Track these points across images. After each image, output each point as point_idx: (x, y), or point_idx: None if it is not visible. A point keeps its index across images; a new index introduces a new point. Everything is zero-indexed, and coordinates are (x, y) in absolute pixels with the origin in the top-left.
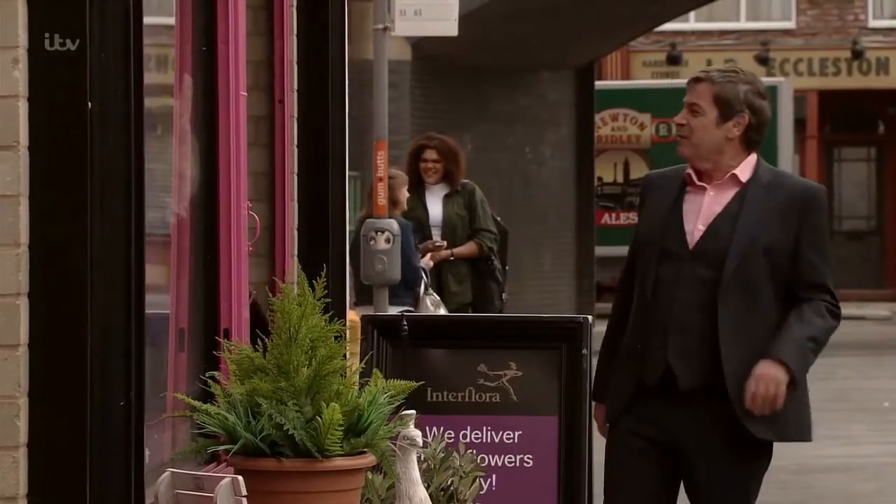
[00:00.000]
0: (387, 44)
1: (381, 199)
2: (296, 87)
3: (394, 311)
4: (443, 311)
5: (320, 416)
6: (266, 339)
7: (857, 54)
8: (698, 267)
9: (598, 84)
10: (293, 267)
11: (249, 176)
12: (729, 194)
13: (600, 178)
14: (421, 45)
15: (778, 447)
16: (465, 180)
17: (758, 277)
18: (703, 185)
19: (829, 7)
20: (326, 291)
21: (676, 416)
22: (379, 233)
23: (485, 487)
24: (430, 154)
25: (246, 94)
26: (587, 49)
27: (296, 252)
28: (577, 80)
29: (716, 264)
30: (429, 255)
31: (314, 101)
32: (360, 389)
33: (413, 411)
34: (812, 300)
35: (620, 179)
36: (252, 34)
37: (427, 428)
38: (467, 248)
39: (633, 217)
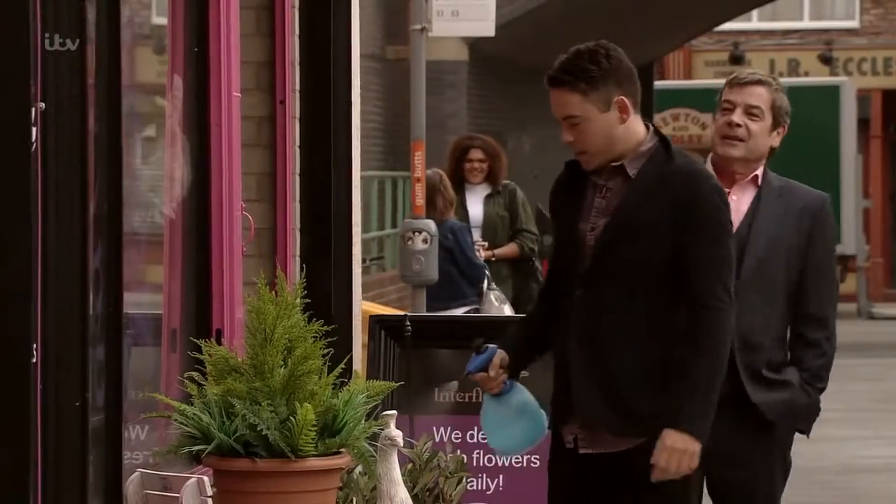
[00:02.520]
0: (423, 44)
1: (419, 200)
2: (298, 87)
3: (459, 311)
4: (507, 307)
5: (294, 417)
6: None
7: None
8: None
9: (660, 84)
10: (294, 268)
11: (251, 176)
12: (748, 196)
13: None
14: (478, 46)
15: (821, 448)
16: (506, 181)
17: (777, 279)
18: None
19: (892, 6)
20: (306, 292)
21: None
22: (416, 233)
23: (492, 487)
24: (476, 154)
25: (239, 94)
26: (645, 49)
27: (298, 253)
28: None
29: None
30: None
31: (317, 102)
32: (336, 389)
33: (394, 412)
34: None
35: None
36: (254, 35)
37: (434, 428)
38: (509, 249)
39: None
